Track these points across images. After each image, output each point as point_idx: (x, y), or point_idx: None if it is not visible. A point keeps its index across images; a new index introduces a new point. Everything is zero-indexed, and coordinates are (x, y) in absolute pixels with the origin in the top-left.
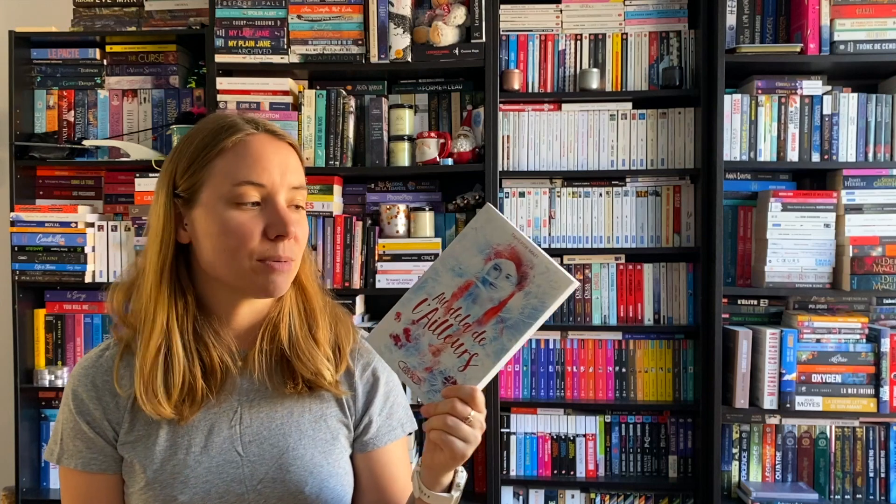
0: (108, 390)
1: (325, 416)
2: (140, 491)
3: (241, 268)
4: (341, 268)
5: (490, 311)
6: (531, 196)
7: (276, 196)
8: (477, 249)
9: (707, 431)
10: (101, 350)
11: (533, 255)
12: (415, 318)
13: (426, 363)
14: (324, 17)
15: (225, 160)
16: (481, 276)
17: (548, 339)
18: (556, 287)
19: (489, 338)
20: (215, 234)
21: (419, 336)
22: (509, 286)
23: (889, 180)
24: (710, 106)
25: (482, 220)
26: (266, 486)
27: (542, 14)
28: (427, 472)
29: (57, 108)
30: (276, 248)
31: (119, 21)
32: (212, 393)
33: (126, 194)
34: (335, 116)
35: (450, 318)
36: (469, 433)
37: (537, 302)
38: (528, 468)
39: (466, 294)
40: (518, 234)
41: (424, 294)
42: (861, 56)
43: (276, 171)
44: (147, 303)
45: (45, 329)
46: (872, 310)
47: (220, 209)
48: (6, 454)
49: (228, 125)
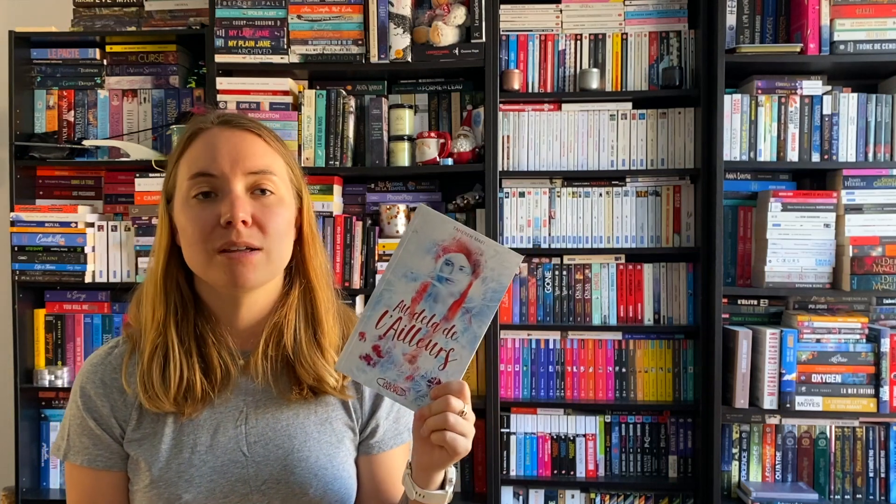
0: (117, 388)
1: (331, 419)
2: (145, 489)
3: (203, 261)
4: (341, 268)
5: (454, 306)
6: (531, 196)
7: (229, 184)
8: (424, 251)
9: (707, 431)
10: (110, 347)
11: (480, 242)
12: (380, 332)
13: (406, 372)
14: (324, 17)
15: (185, 157)
16: (435, 274)
17: (548, 340)
18: (508, 266)
19: (460, 330)
20: (183, 231)
21: (390, 349)
22: (465, 277)
23: (889, 180)
24: (710, 106)
25: (419, 222)
26: (270, 487)
27: (542, 14)
28: (422, 474)
29: (57, 108)
30: (228, 234)
31: (119, 21)
32: (212, 390)
33: (126, 194)
34: (335, 116)
35: (416, 322)
36: (467, 427)
37: (496, 284)
38: (528, 468)
39: (426, 296)
40: (459, 226)
41: (383, 307)
42: (861, 56)
43: (225, 160)
44: (147, 304)
45: (45, 329)
46: (872, 310)
47: (184, 206)
48: (6, 454)
49: (192, 123)
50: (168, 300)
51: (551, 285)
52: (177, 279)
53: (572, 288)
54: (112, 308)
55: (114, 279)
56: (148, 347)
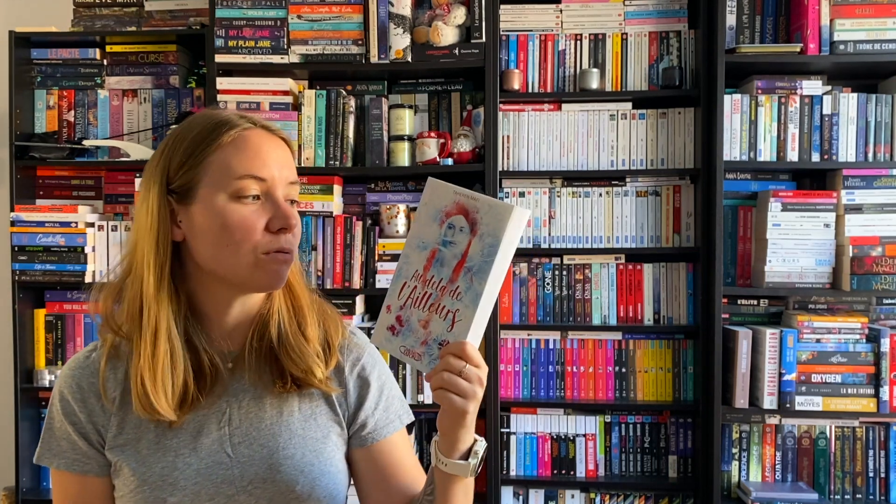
0: (94, 393)
1: (315, 415)
2: (130, 494)
3: (246, 262)
4: (341, 268)
5: (457, 267)
6: (531, 196)
7: (276, 190)
8: (431, 219)
9: (707, 431)
10: (88, 352)
11: (475, 200)
12: (401, 303)
13: (421, 338)
14: (324, 17)
15: (223, 155)
16: (440, 239)
17: (548, 339)
18: (501, 218)
19: (463, 290)
20: (216, 230)
21: (409, 317)
22: (465, 237)
23: (889, 180)
24: (710, 106)
25: (428, 193)
26: (256, 487)
27: (542, 14)
28: (442, 439)
29: (57, 108)
30: (279, 240)
31: (119, 21)
32: (201, 395)
33: (126, 194)
34: (335, 116)
35: (428, 288)
36: (466, 388)
37: (491, 239)
38: (528, 468)
39: (434, 261)
40: (459, 189)
41: (403, 279)
42: (861, 56)
43: (274, 166)
44: (148, 303)
45: (45, 329)
46: (872, 310)
47: (221, 204)
48: (6, 454)
49: (224, 120)
50: (171, 300)
51: (551, 285)
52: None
53: (572, 288)
54: None
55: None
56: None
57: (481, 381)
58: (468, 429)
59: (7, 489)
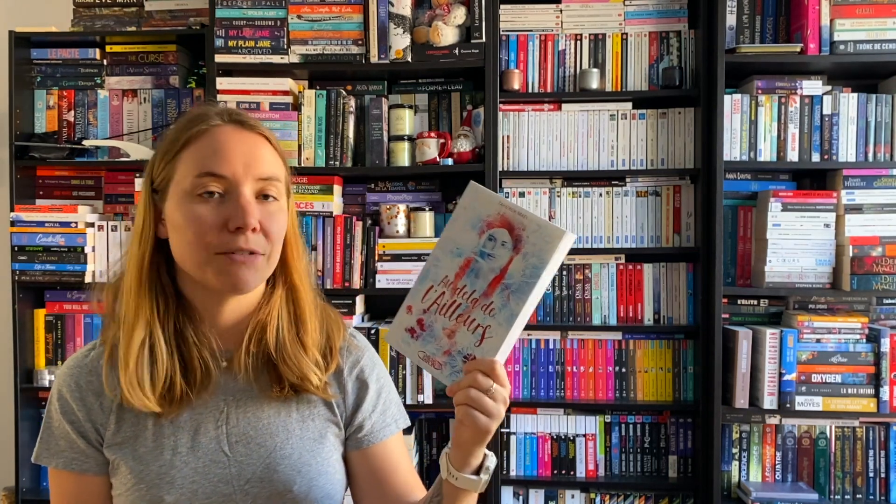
0: (93, 391)
1: (313, 416)
2: (127, 492)
3: (201, 261)
4: (341, 268)
5: (493, 281)
6: (531, 196)
7: (239, 187)
8: (470, 226)
9: (707, 431)
10: (87, 350)
11: (522, 217)
12: (425, 306)
13: (444, 347)
14: (324, 17)
15: (190, 152)
16: (478, 249)
17: (548, 339)
18: (549, 241)
19: (498, 307)
20: (180, 227)
21: (432, 323)
22: (506, 252)
23: (889, 180)
24: (710, 106)
25: (469, 198)
26: (254, 486)
27: (542, 14)
28: (456, 452)
29: (57, 108)
30: (236, 240)
31: (119, 21)
32: (191, 391)
33: (126, 194)
34: (335, 116)
35: (457, 297)
36: (491, 406)
37: (536, 260)
38: (528, 468)
39: (468, 271)
40: (505, 202)
41: (430, 282)
42: (861, 56)
43: (238, 162)
44: (128, 299)
45: (45, 329)
46: (872, 310)
47: (185, 202)
48: (6, 454)
49: (196, 116)
50: (151, 295)
51: (551, 285)
52: (159, 274)
53: (572, 288)
54: None
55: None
56: (134, 346)
57: (506, 401)
58: (484, 445)
59: (7, 489)
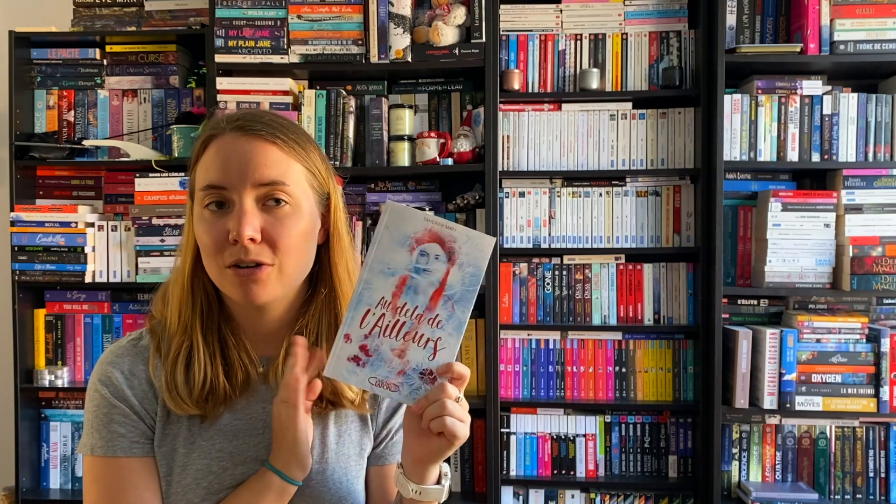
0: (144, 378)
1: (350, 431)
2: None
3: (216, 274)
4: None
5: (434, 295)
6: (531, 196)
7: (236, 196)
8: (397, 245)
9: (707, 431)
10: (133, 339)
11: (451, 230)
12: (365, 331)
13: (397, 368)
14: (324, 17)
15: (201, 163)
16: (412, 266)
17: (548, 339)
18: (482, 249)
19: (444, 318)
20: (200, 240)
21: (378, 346)
22: (442, 265)
23: (889, 180)
24: (710, 106)
25: (391, 217)
26: None
27: (542, 14)
28: (418, 468)
29: (57, 108)
30: (238, 252)
31: (119, 21)
32: (234, 391)
33: (126, 194)
34: (335, 116)
35: (400, 316)
36: (463, 413)
37: (473, 269)
38: (528, 468)
39: (406, 289)
40: (430, 216)
41: (365, 306)
42: (861, 56)
43: (233, 171)
44: (173, 304)
45: (45, 329)
46: (872, 310)
47: (198, 215)
48: (6, 454)
49: (209, 124)
50: (195, 302)
51: (551, 285)
52: (203, 281)
53: (572, 288)
54: (112, 308)
55: (114, 279)
56: (173, 349)
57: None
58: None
59: (7, 489)
